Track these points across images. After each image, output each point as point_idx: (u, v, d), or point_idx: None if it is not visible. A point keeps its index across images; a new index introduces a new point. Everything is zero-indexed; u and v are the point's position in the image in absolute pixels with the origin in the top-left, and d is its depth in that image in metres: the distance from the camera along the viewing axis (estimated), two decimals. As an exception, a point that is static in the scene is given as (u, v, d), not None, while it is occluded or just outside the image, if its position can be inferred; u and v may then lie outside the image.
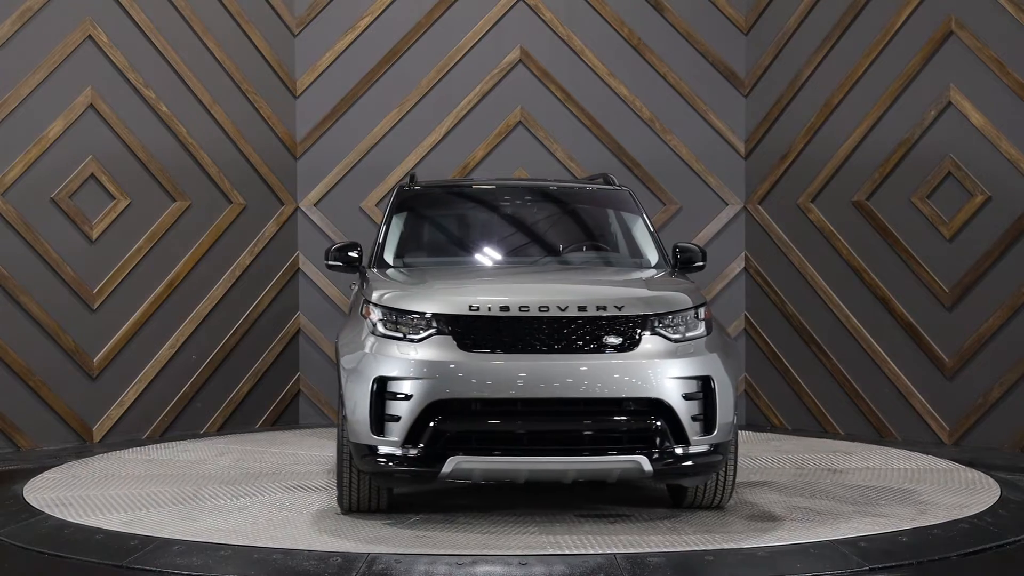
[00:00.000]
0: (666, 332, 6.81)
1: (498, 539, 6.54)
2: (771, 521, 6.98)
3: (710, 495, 7.20)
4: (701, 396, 6.71)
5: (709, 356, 6.82)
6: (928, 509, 7.27)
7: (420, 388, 6.56)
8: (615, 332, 6.75)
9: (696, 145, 11.59)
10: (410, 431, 6.55)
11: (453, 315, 6.72)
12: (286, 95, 11.43)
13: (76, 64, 10.07)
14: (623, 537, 6.59)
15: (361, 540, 6.52)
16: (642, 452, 6.60)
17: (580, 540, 6.52)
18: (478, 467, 6.59)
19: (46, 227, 9.95)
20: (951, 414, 10.09)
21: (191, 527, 6.82)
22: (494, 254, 8.32)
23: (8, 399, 9.77)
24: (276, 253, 11.35)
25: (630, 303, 6.82)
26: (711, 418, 6.72)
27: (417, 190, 8.57)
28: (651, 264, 8.04)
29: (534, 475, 6.70)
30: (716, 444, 6.74)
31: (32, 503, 7.47)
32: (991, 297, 9.86)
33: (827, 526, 6.84)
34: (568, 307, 6.74)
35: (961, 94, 9.98)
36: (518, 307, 6.72)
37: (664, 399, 6.62)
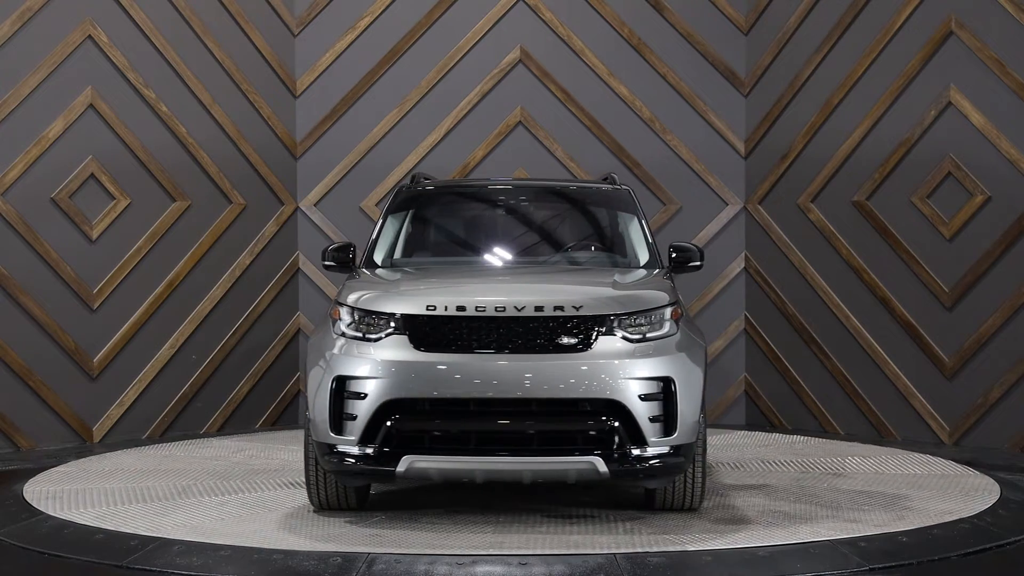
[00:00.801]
0: (625, 332, 6.78)
1: (498, 539, 6.54)
2: (741, 523, 6.98)
3: (679, 497, 7.11)
4: (661, 397, 6.65)
5: (671, 357, 6.76)
6: (906, 515, 7.26)
7: (375, 388, 6.63)
8: (571, 332, 6.73)
9: (696, 145, 11.59)
10: (366, 430, 6.63)
11: (410, 315, 6.78)
12: (286, 95, 11.43)
13: (76, 64, 10.06)
14: (624, 537, 6.59)
15: (361, 540, 6.52)
16: (597, 453, 6.57)
17: (581, 540, 6.52)
18: (432, 467, 6.63)
19: (46, 227, 9.95)
20: (951, 414, 10.09)
21: (162, 523, 6.82)
22: (480, 254, 8.36)
23: (8, 399, 9.77)
24: (276, 253, 11.35)
25: (589, 304, 6.78)
26: (671, 419, 6.66)
27: (413, 191, 8.61)
28: (640, 264, 7.99)
29: (489, 475, 6.72)
30: (678, 446, 6.67)
31: (32, 503, 7.48)
32: (991, 297, 9.86)
33: (804, 528, 6.84)
34: (525, 307, 6.74)
35: (961, 94, 9.98)
36: (475, 307, 6.75)
37: (619, 400, 6.59)
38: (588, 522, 6.95)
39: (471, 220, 8.69)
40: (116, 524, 6.90)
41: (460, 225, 8.66)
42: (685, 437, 6.71)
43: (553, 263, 8.14)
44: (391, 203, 8.50)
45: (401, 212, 8.47)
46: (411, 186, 8.68)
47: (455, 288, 7.12)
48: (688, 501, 7.15)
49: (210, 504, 7.49)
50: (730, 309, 11.58)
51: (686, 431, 6.71)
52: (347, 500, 7.19)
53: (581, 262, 8.14)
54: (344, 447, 6.67)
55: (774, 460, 9.11)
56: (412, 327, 6.76)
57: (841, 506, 7.39)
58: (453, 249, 8.50)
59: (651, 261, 8.00)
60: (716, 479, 8.37)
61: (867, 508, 7.32)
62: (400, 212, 8.47)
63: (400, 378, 6.62)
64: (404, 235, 8.39)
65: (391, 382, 6.62)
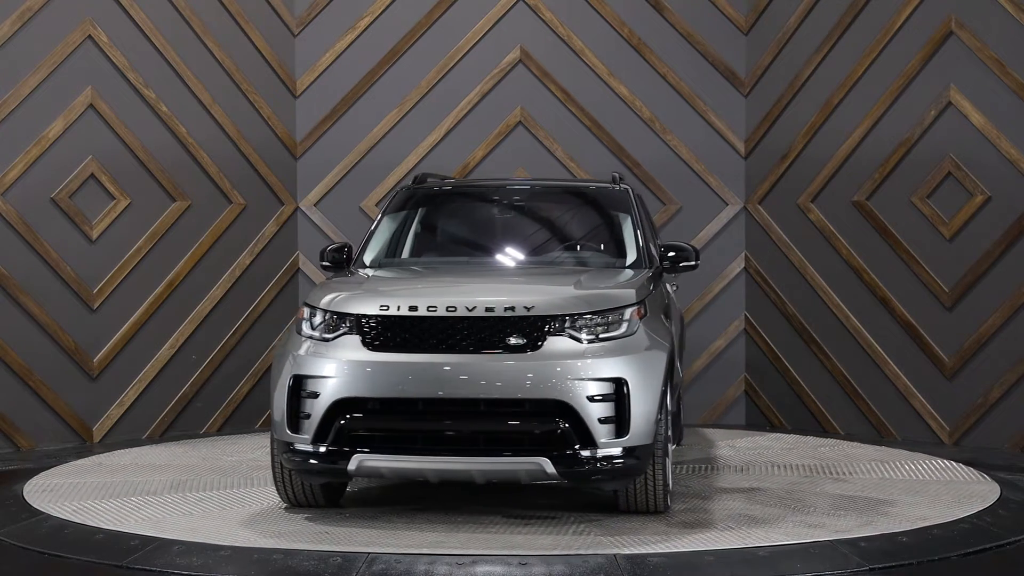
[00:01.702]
0: (577, 333, 6.73)
1: (499, 539, 6.54)
2: (704, 527, 6.98)
3: (642, 500, 7.01)
4: (613, 399, 6.61)
5: (625, 358, 6.69)
6: (875, 521, 7.26)
7: (327, 387, 6.70)
8: (520, 333, 6.71)
9: (696, 145, 11.59)
10: (319, 429, 6.69)
11: (363, 315, 6.83)
12: (286, 95, 11.43)
13: (76, 64, 10.07)
14: (624, 537, 6.59)
15: (361, 540, 6.52)
16: (545, 454, 6.55)
17: (581, 540, 6.52)
18: (383, 465, 6.69)
19: (46, 227, 9.95)
20: (951, 414, 10.09)
21: (162, 522, 6.83)
22: (466, 255, 8.42)
23: (8, 399, 9.77)
24: (276, 253, 11.35)
25: (541, 304, 6.76)
26: (624, 421, 6.60)
27: (407, 192, 8.69)
28: (626, 264, 7.93)
29: (440, 475, 6.77)
30: (631, 447, 6.62)
31: (32, 503, 7.47)
32: (991, 297, 9.86)
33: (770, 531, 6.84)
34: (476, 308, 6.75)
35: (961, 94, 9.98)
36: (426, 307, 6.77)
37: (566, 401, 6.55)
38: (588, 522, 6.95)
39: (461, 221, 8.73)
40: (116, 524, 6.90)
41: (449, 226, 8.69)
42: (640, 439, 6.64)
43: (536, 263, 8.13)
44: (387, 205, 8.59)
45: (394, 213, 8.56)
46: (408, 187, 8.74)
47: (412, 288, 7.19)
48: (652, 503, 7.04)
49: (210, 504, 7.49)
50: (730, 309, 11.58)
51: (641, 433, 6.64)
52: (314, 497, 7.26)
53: (564, 262, 8.09)
54: (300, 445, 6.76)
55: (768, 461, 9.11)
56: (365, 327, 6.82)
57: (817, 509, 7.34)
58: (440, 250, 8.54)
59: (638, 261, 7.92)
60: (717, 481, 8.37)
61: (863, 512, 7.32)
62: (393, 213, 8.56)
63: (351, 378, 6.69)
64: (394, 236, 8.47)
65: (342, 382, 6.69)
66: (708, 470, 8.65)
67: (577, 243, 8.41)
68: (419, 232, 8.59)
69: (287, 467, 6.97)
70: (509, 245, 8.44)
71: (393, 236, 8.47)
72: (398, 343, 6.75)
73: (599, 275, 7.53)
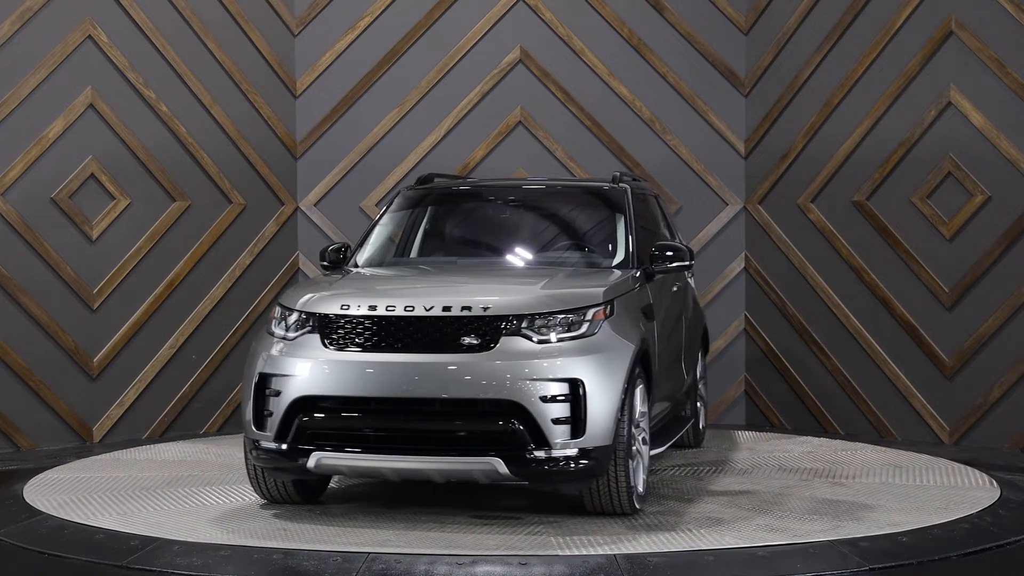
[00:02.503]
0: (532, 333, 6.72)
1: (499, 539, 6.55)
2: (663, 529, 6.98)
3: (606, 501, 6.96)
4: (569, 399, 6.59)
5: (582, 358, 6.67)
6: (843, 526, 7.25)
7: (287, 385, 6.79)
8: (475, 333, 6.72)
9: (696, 145, 11.58)
10: (280, 426, 6.80)
11: (324, 314, 6.92)
12: (286, 95, 11.43)
13: (76, 64, 10.07)
14: (624, 537, 6.60)
15: (361, 540, 6.52)
16: (497, 454, 6.56)
17: (581, 540, 6.52)
18: (341, 463, 6.76)
19: (46, 227, 9.95)
20: (951, 414, 10.09)
21: (162, 522, 6.83)
22: (453, 255, 8.47)
23: (8, 399, 9.77)
24: (276, 253, 11.34)
25: (498, 304, 6.77)
26: (580, 422, 6.59)
27: (409, 193, 8.74)
28: (612, 264, 7.89)
29: (397, 474, 6.84)
30: (587, 448, 6.60)
31: (32, 503, 7.48)
32: (991, 297, 9.86)
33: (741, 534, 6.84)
34: (433, 307, 6.78)
35: (961, 94, 9.98)
36: (385, 307, 6.83)
37: (518, 401, 6.55)
38: (589, 522, 6.95)
39: (455, 222, 8.76)
40: (116, 524, 6.90)
41: (443, 227, 8.72)
42: (597, 440, 6.63)
43: (521, 263, 8.12)
44: (390, 204, 8.65)
45: (391, 214, 8.63)
46: (408, 188, 8.79)
47: (379, 288, 7.24)
48: (616, 505, 6.98)
49: (210, 504, 7.49)
50: (730, 309, 11.58)
51: (598, 434, 6.62)
52: (287, 494, 7.34)
53: (549, 262, 8.06)
54: (265, 443, 6.87)
55: (767, 461, 9.11)
56: (325, 326, 6.89)
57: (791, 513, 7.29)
58: (431, 250, 8.58)
59: (626, 260, 7.87)
60: (711, 483, 8.36)
61: (859, 517, 7.32)
62: (390, 214, 8.63)
63: (310, 376, 6.77)
64: (388, 237, 8.56)
65: (302, 380, 6.77)
66: (711, 472, 8.63)
67: (566, 242, 8.38)
68: (412, 233, 8.65)
69: (255, 464, 7.08)
70: (498, 245, 8.46)
71: (387, 237, 8.55)
72: (357, 342, 6.82)
73: (575, 275, 7.49)
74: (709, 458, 9.20)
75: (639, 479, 7.17)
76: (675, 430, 8.54)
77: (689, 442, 9.56)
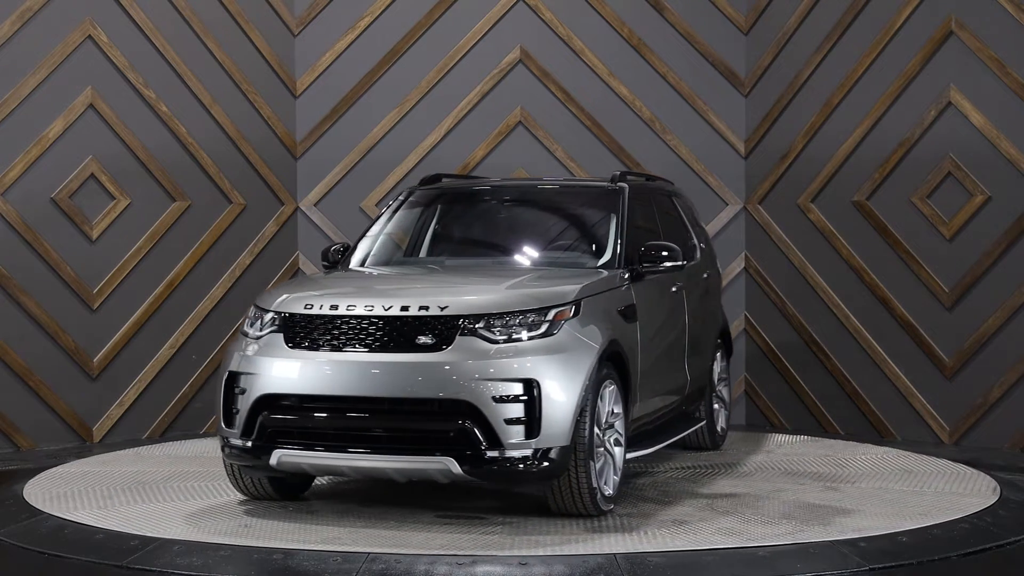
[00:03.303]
0: (488, 333, 6.73)
1: (498, 539, 6.55)
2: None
3: (568, 502, 6.94)
4: (524, 399, 6.59)
5: (538, 359, 6.67)
6: (803, 531, 7.23)
7: (252, 383, 6.91)
8: (430, 332, 6.75)
9: (696, 145, 11.58)
10: (245, 424, 6.92)
11: (289, 314, 7.00)
12: (286, 95, 11.43)
13: (76, 64, 10.07)
14: (624, 537, 6.60)
15: (361, 540, 6.52)
16: (450, 454, 6.58)
17: (581, 540, 6.52)
18: (302, 461, 6.84)
19: (46, 227, 9.95)
20: (951, 414, 10.09)
21: (162, 522, 6.83)
22: (437, 256, 8.51)
23: (8, 399, 9.77)
24: (276, 253, 11.34)
25: (456, 304, 6.80)
26: (535, 422, 6.58)
27: (412, 193, 8.80)
28: (598, 264, 7.84)
29: (357, 472, 6.92)
30: (543, 449, 6.60)
31: (32, 503, 7.48)
32: (991, 297, 9.86)
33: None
34: (392, 307, 6.83)
35: (961, 94, 9.98)
36: (346, 306, 6.89)
37: (470, 401, 6.56)
38: (589, 522, 6.95)
39: (448, 222, 8.78)
40: (116, 524, 6.90)
41: (437, 227, 8.74)
42: (554, 440, 6.62)
43: (502, 263, 8.12)
44: (392, 204, 8.73)
45: (390, 214, 8.69)
46: (411, 189, 8.84)
47: (344, 288, 7.30)
48: (578, 506, 6.96)
49: (210, 504, 7.50)
50: (730, 309, 11.55)
51: (555, 435, 6.61)
52: (264, 490, 7.42)
53: (531, 262, 8.04)
54: (233, 440, 7.00)
55: (765, 462, 9.10)
56: (289, 326, 6.97)
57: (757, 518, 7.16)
58: (420, 251, 8.61)
59: (612, 261, 7.82)
60: (701, 485, 8.36)
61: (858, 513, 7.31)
62: (389, 214, 8.69)
63: (272, 375, 6.87)
64: (383, 237, 8.61)
65: (265, 378, 6.88)
66: (710, 474, 8.56)
67: (554, 243, 8.35)
68: (406, 234, 8.70)
69: (225, 460, 7.22)
70: (489, 245, 8.49)
71: (383, 237, 8.60)
72: (318, 341, 6.88)
73: (548, 275, 7.48)
74: (720, 460, 9.05)
75: (608, 480, 7.12)
76: (673, 431, 8.43)
77: (705, 444, 9.35)
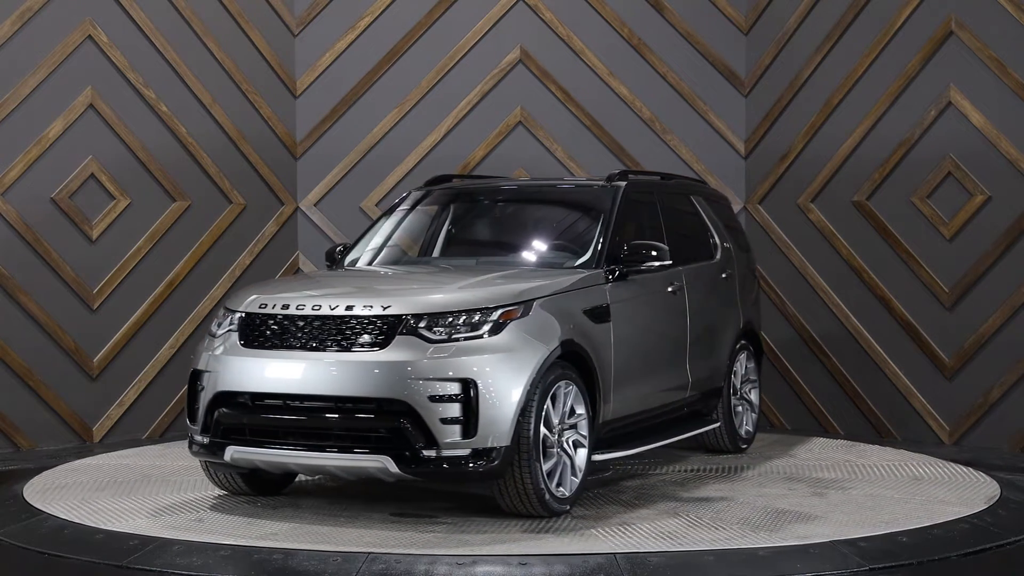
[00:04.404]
0: (427, 332, 6.76)
1: (498, 539, 6.55)
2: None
3: (516, 502, 6.91)
4: (460, 399, 6.60)
5: (477, 358, 6.67)
6: (744, 537, 7.23)
7: (208, 381, 7.06)
8: (371, 331, 6.81)
9: (696, 145, 11.58)
10: (204, 421, 7.08)
11: (245, 313, 7.13)
12: (286, 95, 11.43)
13: (76, 64, 10.07)
14: (624, 537, 6.60)
15: (361, 540, 6.53)
16: (387, 452, 6.63)
17: (581, 540, 6.52)
18: (253, 457, 6.99)
19: (46, 227, 9.95)
20: (951, 414, 10.09)
21: (162, 522, 6.83)
22: (425, 255, 8.57)
23: (8, 399, 9.77)
24: (276, 253, 11.34)
25: (398, 303, 6.85)
26: (472, 422, 6.59)
27: (413, 193, 8.87)
28: (575, 264, 7.78)
29: (303, 469, 7.07)
30: (481, 449, 6.61)
31: (32, 503, 7.48)
32: (991, 297, 9.86)
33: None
34: (338, 306, 6.92)
35: (961, 94, 9.98)
36: (295, 306, 7.00)
37: (406, 400, 6.60)
38: (589, 522, 6.95)
39: (441, 223, 8.82)
40: (116, 524, 6.91)
41: (432, 227, 8.79)
42: (492, 440, 6.63)
43: (480, 263, 8.14)
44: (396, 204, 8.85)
45: (390, 214, 8.78)
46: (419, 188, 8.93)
47: (304, 287, 7.41)
48: (524, 507, 6.93)
49: (210, 504, 7.50)
50: (730, 309, 11.56)
51: (493, 434, 6.62)
52: (237, 484, 7.55)
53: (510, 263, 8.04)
54: (196, 436, 7.16)
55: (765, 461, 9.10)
56: (245, 325, 7.10)
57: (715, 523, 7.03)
58: (401, 251, 8.68)
59: (591, 261, 7.76)
60: (689, 489, 8.36)
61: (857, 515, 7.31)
62: (390, 213, 8.78)
63: (225, 372, 7.01)
64: (378, 237, 8.68)
65: (219, 376, 7.02)
66: (706, 477, 8.45)
67: (535, 243, 8.35)
68: (400, 234, 8.75)
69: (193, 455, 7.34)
70: (477, 244, 8.56)
71: (378, 237, 8.68)
72: (268, 340, 6.99)
73: (514, 275, 7.46)
74: (731, 463, 8.85)
75: (565, 482, 7.07)
76: (668, 433, 8.27)
77: (724, 447, 9.17)
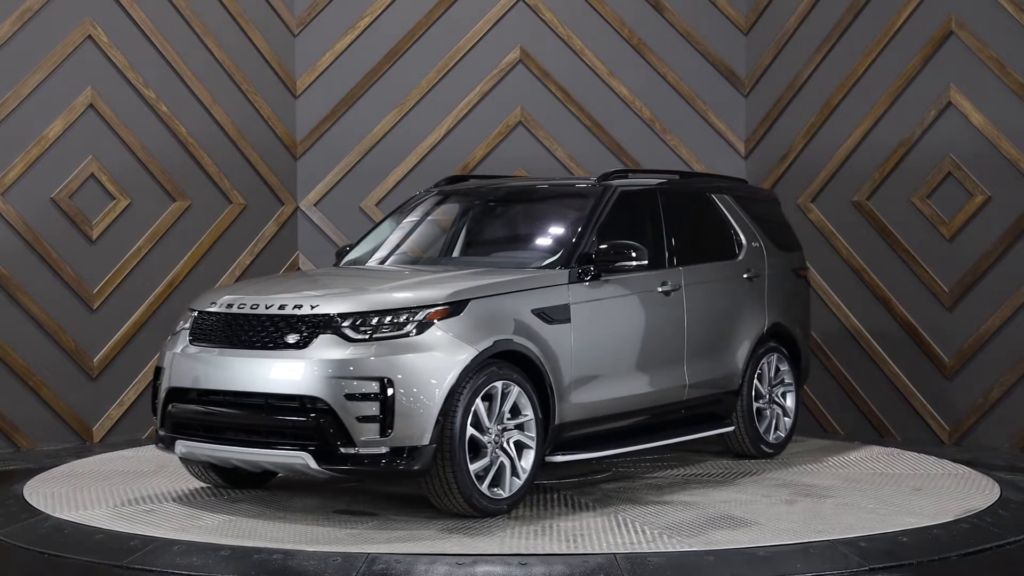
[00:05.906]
0: (351, 332, 6.84)
1: (497, 539, 6.55)
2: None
3: (447, 501, 6.93)
4: (378, 398, 6.66)
5: (396, 358, 6.73)
6: (708, 536, 7.23)
7: (163, 377, 7.33)
8: (296, 330, 6.93)
9: (696, 145, 11.58)
10: (160, 415, 7.33)
11: (198, 312, 7.41)
12: (286, 95, 11.43)
13: (76, 64, 10.07)
14: (624, 537, 6.60)
15: (361, 540, 6.53)
16: (306, 449, 6.74)
17: (581, 540, 6.52)
18: (196, 451, 7.20)
19: (46, 227, 9.95)
20: (951, 414, 10.09)
21: (162, 522, 6.83)
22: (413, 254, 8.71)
23: (8, 399, 9.77)
24: (276, 253, 11.34)
25: (327, 303, 6.97)
26: (389, 421, 6.65)
27: (425, 192, 8.96)
28: (543, 264, 7.71)
29: (245, 464, 7.17)
30: (398, 448, 6.65)
31: (32, 503, 7.48)
32: (991, 297, 9.86)
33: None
34: (272, 305, 7.08)
35: (961, 94, 9.98)
36: (237, 305, 7.20)
37: (321, 397, 6.71)
38: (588, 522, 6.95)
39: (433, 223, 8.90)
40: (116, 524, 6.91)
41: (419, 227, 8.88)
42: (411, 440, 6.67)
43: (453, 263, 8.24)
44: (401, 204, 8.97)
45: (398, 213, 8.90)
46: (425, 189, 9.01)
47: (258, 288, 7.54)
48: (452, 505, 6.94)
49: (210, 504, 7.50)
50: (730, 309, 11.56)
51: (411, 434, 6.66)
52: (212, 477, 7.81)
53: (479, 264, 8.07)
54: (158, 431, 7.39)
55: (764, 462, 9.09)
56: (196, 323, 7.35)
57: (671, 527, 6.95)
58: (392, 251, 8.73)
59: (559, 261, 7.70)
60: (680, 493, 8.35)
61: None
62: (397, 213, 8.90)
63: (174, 369, 7.27)
64: (374, 237, 8.80)
65: (171, 372, 7.28)
66: (699, 482, 8.37)
67: (514, 242, 8.49)
68: (395, 234, 8.83)
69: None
70: (465, 246, 8.61)
71: (373, 237, 8.79)
72: (210, 338, 7.21)
73: (455, 276, 7.48)
74: (741, 469, 8.67)
75: (504, 482, 7.04)
76: (654, 436, 8.13)
77: (747, 451, 8.95)
